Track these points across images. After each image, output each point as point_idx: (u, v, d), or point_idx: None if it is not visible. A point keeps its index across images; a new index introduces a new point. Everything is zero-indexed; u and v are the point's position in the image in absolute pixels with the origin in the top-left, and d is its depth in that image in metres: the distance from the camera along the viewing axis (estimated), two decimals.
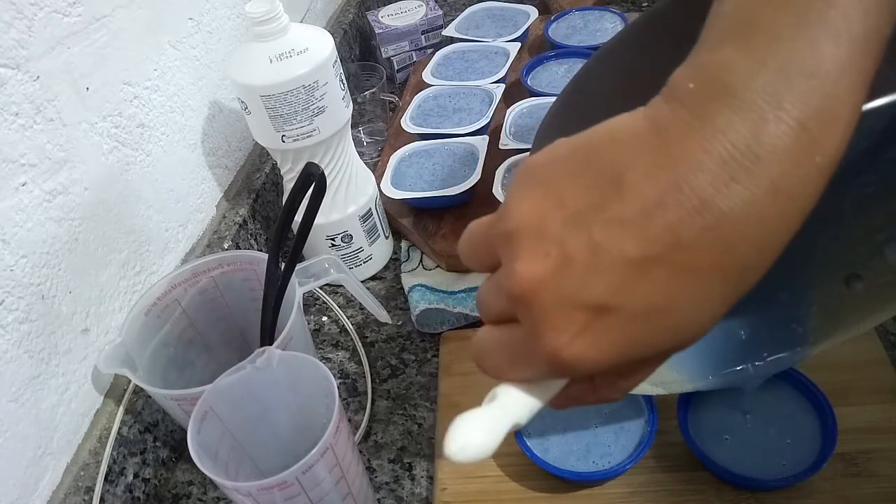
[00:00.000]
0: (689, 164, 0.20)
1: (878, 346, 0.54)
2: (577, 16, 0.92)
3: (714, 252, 0.21)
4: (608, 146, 0.22)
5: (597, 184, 0.22)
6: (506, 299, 0.24)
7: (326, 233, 0.66)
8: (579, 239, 0.22)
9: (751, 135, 0.20)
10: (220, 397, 0.44)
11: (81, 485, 0.49)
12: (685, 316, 0.22)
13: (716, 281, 0.21)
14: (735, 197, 0.20)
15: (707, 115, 0.21)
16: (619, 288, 0.21)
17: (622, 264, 0.21)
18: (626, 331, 0.22)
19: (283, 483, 0.39)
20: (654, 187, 0.21)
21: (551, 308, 0.22)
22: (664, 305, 0.21)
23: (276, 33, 0.55)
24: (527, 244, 0.23)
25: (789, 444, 0.48)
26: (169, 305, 0.54)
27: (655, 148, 0.21)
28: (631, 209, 0.21)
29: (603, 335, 0.22)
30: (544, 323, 0.22)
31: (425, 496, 0.53)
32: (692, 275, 0.21)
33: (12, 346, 0.45)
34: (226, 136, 0.71)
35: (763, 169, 0.20)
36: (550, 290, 0.22)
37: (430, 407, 0.59)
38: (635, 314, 0.22)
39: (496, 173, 0.69)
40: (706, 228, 0.20)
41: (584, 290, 0.22)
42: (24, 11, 0.45)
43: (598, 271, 0.21)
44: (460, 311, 0.63)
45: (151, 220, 0.59)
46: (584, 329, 0.22)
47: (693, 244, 0.21)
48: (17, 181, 0.45)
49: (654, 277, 0.21)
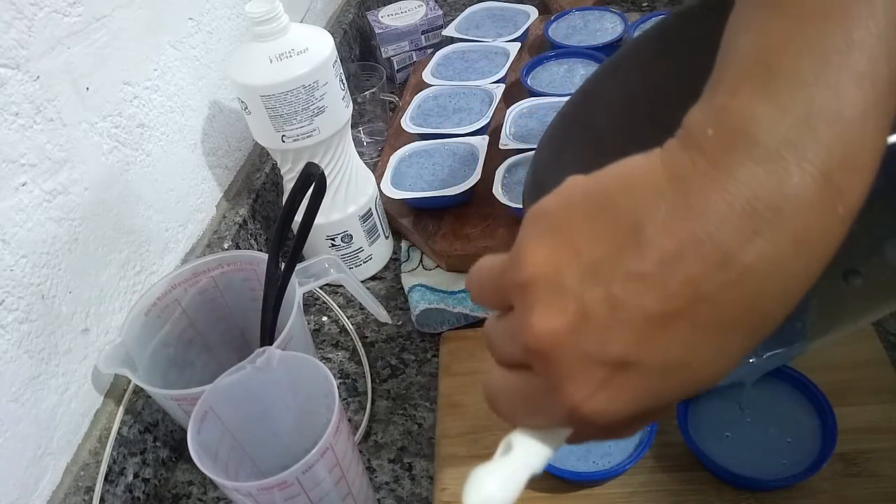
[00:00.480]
0: (711, 217, 0.20)
1: (878, 346, 0.54)
2: (577, 16, 0.92)
3: (736, 306, 0.20)
4: (624, 193, 0.21)
5: (614, 234, 0.21)
6: (520, 349, 0.23)
7: (326, 233, 0.66)
8: (597, 293, 0.21)
9: (774, 187, 0.19)
10: (220, 397, 0.44)
11: (81, 485, 0.49)
12: (705, 367, 0.21)
13: (737, 333, 0.21)
14: (758, 251, 0.20)
15: (728, 165, 0.20)
16: (639, 343, 0.21)
17: (642, 319, 0.21)
18: (646, 384, 0.22)
19: (283, 483, 0.39)
20: (674, 240, 0.20)
21: (570, 363, 0.22)
22: (684, 359, 0.21)
23: (276, 33, 0.55)
24: (542, 296, 0.22)
25: (789, 443, 0.48)
26: (169, 305, 0.54)
27: (674, 198, 0.20)
28: (650, 263, 0.20)
29: (623, 389, 0.22)
30: (563, 378, 0.22)
31: (425, 496, 0.53)
32: (713, 329, 0.21)
33: (12, 346, 0.45)
34: (226, 136, 0.71)
35: (786, 222, 0.19)
36: (569, 346, 0.22)
37: (430, 407, 0.59)
38: (655, 368, 0.21)
39: (496, 173, 0.69)
40: (728, 283, 0.20)
41: (604, 346, 0.21)
42: (24, 11, 0.45)
43: (617, 327, 0.21)
44: (460, 311, 0.63)
45: (151, 220, 0.59)
46: (604, 384, 0.21)
47: (715, 299, 0.20)
48: (17, 181, 0.45)
49: (674, 332, 0.21)
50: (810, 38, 0.20)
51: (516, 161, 0.70)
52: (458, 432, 0.55)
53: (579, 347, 0.21)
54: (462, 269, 0.68)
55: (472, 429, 0.55)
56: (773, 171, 0.19)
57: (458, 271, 0.68)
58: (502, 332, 0.25)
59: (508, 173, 0.69)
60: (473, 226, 0.69)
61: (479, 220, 0.70)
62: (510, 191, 0.67)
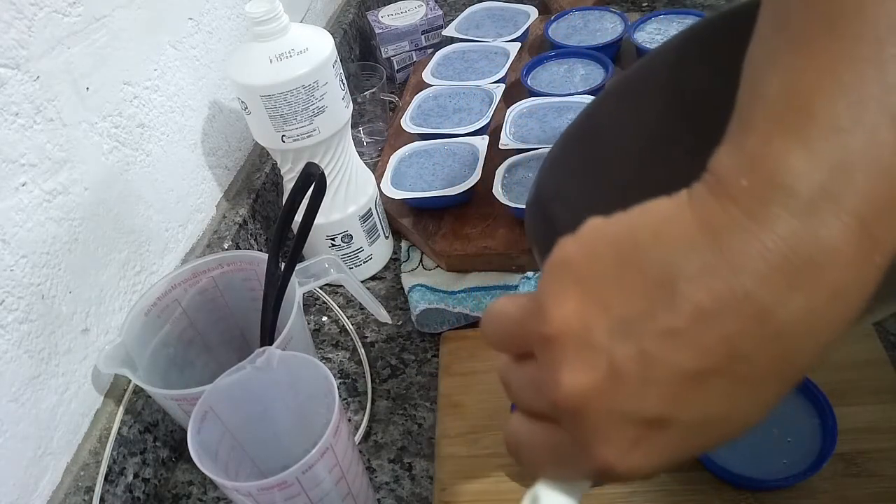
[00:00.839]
0: (748, 272, 0.19)
1: (878, 346, 0.54)
2: (577, 16, 0.92)
3: (773, 361, 0.20)
4: (654, 245, 0.21)
5: (644, 288, 0.20)
6: (548, 405, 0.22)
7: (326, 233, 0.66)
8: (629, 350, 0.20)
9: (811, 240, 0.19)
10: (220, 397, 0.44)
11: (81, 485, 0.49)
12: (740, 419, 0.21)
13: (773, 385, 0.20)
14: (795, 306, 0.19)
15: (764, 217, 0.19)
16: (673, 401, 0.20)
17: (677, 377, 0.20)
18: (680, 440, 0.21)
19: (283, 483, 0.39)
20: (709, 295, 0.19)
21: (602, 422, 0.21)
22: (720, 413, 0.21)
23: (276, 33, 0.55)
24: (571, 353, 0.21)
25: (789, 443, 0.48)
26: (169, 305, 0.54)
27: (708, 251, 0.20)
28: (684, 319, 0.20)
29: (657, 446, 0.21)
30: (595, 437, 0.21)
31: (425, 496, 0.53)
32: (749, 383, 0.20)
33: (12, 346, 0.45)
34: (226, 136, 0.71)
35: (824, 276, 0.19)
36: (601, 405, 0.21)
37: (430, 407, 0.59)
38: (691, 424, 0.21)
39: (496, 173, 0.69)
40: (765, 339, 0.19)
41: (638, 405, 0.20)
42: (24, 11, 0.45)
43: (651, 385, 0.20)
44: (460, 311, 0.63)
45: (151, 220, 0.59)
46: (638, 442, 0.21)
47: (751, 355, 0.20)
48: (17, 181, 0.45)
49: (710, 389, 0.20)
50: (844, 82, 0.19)
51: (516, 161, 0.70)
52: (458, 432, 0.55)
53: (612, 406, 0.21)
54: (462, 269, 0.68)
55: (472, 429, 0.55)
56: (810, 224, 0.19)
57: (458, 271, 0.68)
58: (525, 383, 0.24)
59: (508, 173, 0.69)
60: (473, 226, 0.69)
61: (479, 220, 0.70)
62: (510, 191, 0.67)
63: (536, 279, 0.63)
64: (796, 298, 0.19)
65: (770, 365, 0.20)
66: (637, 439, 0.21)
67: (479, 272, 0.67)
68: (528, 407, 0.24)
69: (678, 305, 0.20)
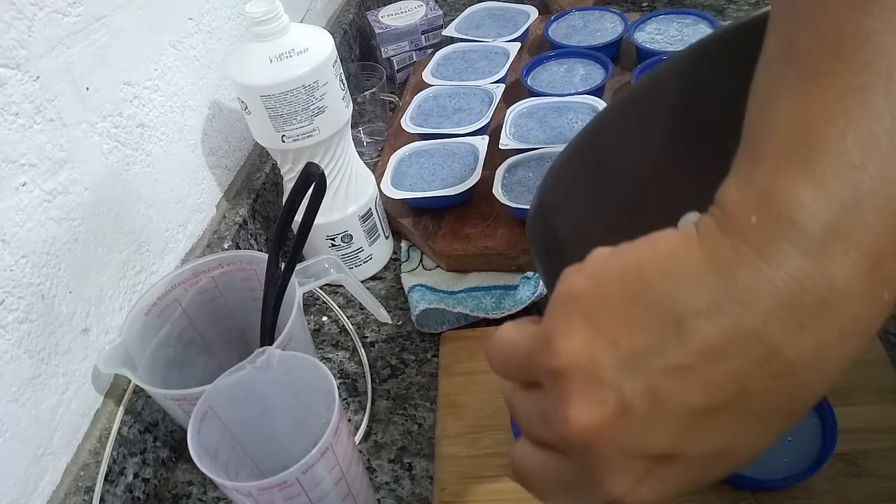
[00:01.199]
0: (756, 310, 0.19)
1: (878, 346, 0.54)
2: (577, 16, 0.92)
3: (781, 397, 0.20)
4: (662, 280, 0.21)
5: (652, 324, 0.20)
6: (556, 437, 0.22)
7: (326, 233, 0.66)
8: (637, 385, 0.20)
9: (821, 279, 0.19)
10: (220, 397, 0.44)
11: (81, 485, 0.49)
12: (748, 451, 0.21)
13: (781, 419, 0.21)
14: (804, 345, 0.19)
15: (773, 255, 0.19)
16: (682, 436, 0.20)
17: (685, 413, 0.20)
18: (689, 474, 0.21)
19: (283, 483, 0.39)
20: (718, 333, 0.19)
21: (611, 457, 0.21)
22: (728, 447, 0.21)
23: (276, 33, 0.55)
24: (579, 387, 0.21)
25: (789, 443, 0.48)
26: (169, 305, 0.54)
27: (717, 287, 0.20)
28: (693, 356, 0.20)
29: (666, 480, 0.21)
30: (604, 471, 0.21)
31: (425, 496, 0.53)
32: (757, 418, 0.20)
33: (12, 346, 0.45)
34: (226, 136, 0.71)
35: (833, 314, 0.19)
36: (609, 439, 0.21)
37: (430, 407, 0.59)
38: (699, 459, 0.21)
39: (496, 173, 0.69)
40: (774, 377, 0.19)
41: (646, 440, 0.21)
42: (24, 11, 0.45)
43: (659, 420, 0.20)
44: (460, 311, 0.63)
45: (151, 220, 0.59)
46: (647, 476, 0.21)
47: (759, 392, 0.20)
48: (17, 181, 0.45)
49: (718, 424, 0.20)
50: (853, 115, 0.19)
51: (516, 161, 0.70)
52: (458, 432, 0.55)
53: (620, 441, 0.21)
54: (462, 269, 0.68)
55: (472, 429, 0.55)
56: (820, 262, 0.19)
57: (458, 271, 0.68)
58: (533, 413, 0.24)
59: (508, 173, 0.69)
60: (473, 226, 0.69)
61: (479, 220, 0.70)
62: (510, 191, 0.67)
63: (536, 279, 0.63)
64: (805, 336, 0.19)
65: (778, 400, 0.20)
66: (645, 473, 0.21)
67: (479, 272, 0.67)
68: (535, 437, 0.24)
69: (686, 341, 0.20)
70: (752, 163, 0.21)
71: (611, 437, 0.21)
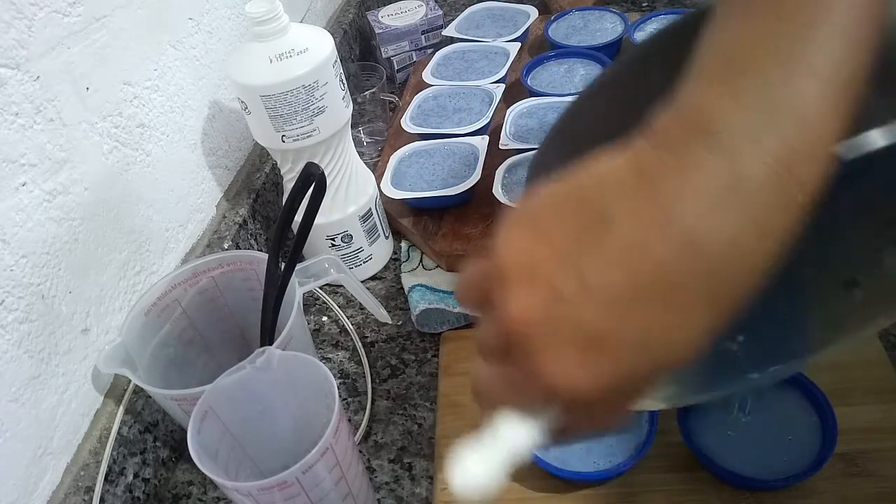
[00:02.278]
0: (674, 204, 0.22)
1: (878, 346, 0.54)
2: (577, 16, 0.92)
3: (699, 285, 0.22)
4: (595, 190, 0.23)
5: (585, 226, 0.23)
6: (502, 337, 0.25)
7: (326, 233, 0.66)
8: (569, 275, 0.23)
9: (735, 178, 0.21)
10: (220, 397, 0.44)
11: (81, 485, 0.49)
12: (674, 342, 0.23)
13: (702, 310, 0.22)
14: (718, 234, 0.21)
15: (692, 160, 0.22)
16: (608, 319, 0.22)
17: (611, 298, 0.22)
18: (618, 359, 0.23)
19: (283, 483, 0.39)
20: (641, 227, 0.22)
21: (545, 339, 0.23)
22: (653, 335, 0.23)
23: (276, 33, 0.55)
24: (518, 281, 0.24)
25: (789, 443, 0.48)
26: (169, 305, 0.54)
27: (640, 191, 0.22)
28: (618, 248, 0.22)
29: (596, 365, 0.23)
30: (540, 354, 0.23)
31: (425, 496, 0.53)
32: (679, 306, 0.22)
33: (12, 346, 0.45)
34: (226, 136, 0.71)
35: (746, 208, 0.21)
36: (544, 323, 0.23)
37: (430, 407, 0.59)
38: (626, 344, 0.23)
39: (496, 173, 0.69)
40: (691, 265, 0.22)
41: (577, 323, 0.23)
42: (24, 11, 0.45)
43: (589, 305, 0.23)
44: (460, 311, 0.63)
45: (151, 220, 0.59)
46: (578, 360, 0.23)
47: (678, 278, 0.22)
48: (17, 181, 0.45)
49: (643, 310, 0.22)
50: (779, 41, 0.22)
51: (516, 161, 0.70)
52: (458, 432, 0.55)
53: (553, 324, 0.23)
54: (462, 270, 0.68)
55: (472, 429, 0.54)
56: (735, 164, 0.21)
57: (458, 271, 0.68)
58: (487, 328, 0.26)
59: (508, 173, 0.69)
60: (473, 226, 0.69)
61: (479, 220, 0.70)
62: (510, 191, 0.67)
63: None
64: (720, 227, 0.21)
65: (698, 290, 0.22)
66: (577, 357, 0.23)
67: None
68: (487, 350, 0.27)
69: (613, 237, 0.22)
70: (686, 85, 0.23)
71: (545, 320, 0.23)
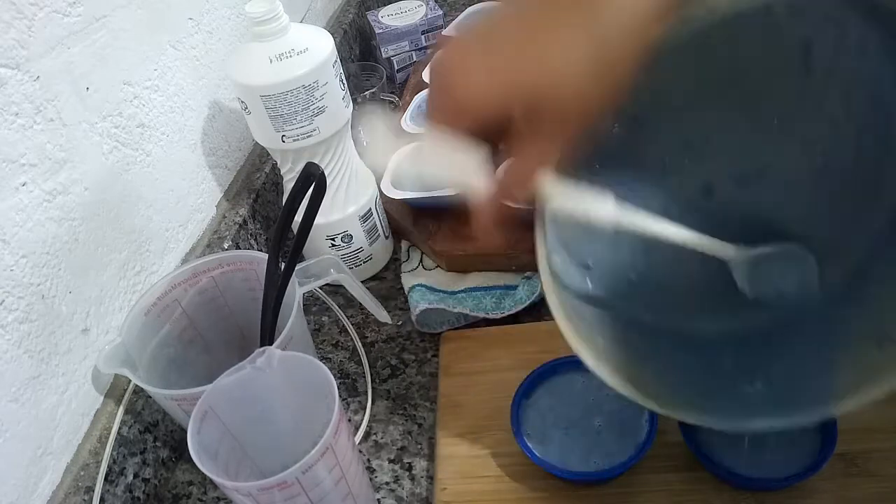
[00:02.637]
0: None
1: None
2: None
3: (576, 13, 0.31)
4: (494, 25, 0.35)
5: (493, 25, 0.35)
6: (442, 93, 0.36)
7: (326, 233, 0.66)
8: (477, 45, 0.34)
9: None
10: (220, 397, 0.44)
11: (81, 485, 0.49)
12: (554, 59, 0.32)
13: (580, 36, 0.31)
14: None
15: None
16: (497, 26, 0.34)
17: (501, 17, 0.34)
18: (508, 68, 0.33)
19: (283, 483, 0.39)
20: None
21: (455, 60, 0.35)
22: (541, 50, 0.32)
23: (276, 33, 0.55)
24: (451, 44, 0.35)
25: (789, 443, 0.48)
26: (169, 305, 0.54)
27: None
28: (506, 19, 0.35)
29: (490, 73, 0.33)
30: (451, 72, 0.35)
31: (425, 496, 0.53)
32: (561, 28, 0.31)
33: (12, 346, 0.45)
34: (226, 136, 0.71)
35: None
36: (455, 56, 0.35)
37: (430, 407, 0.59)
38: (513, 54, 0.33)
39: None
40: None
41: (477, 50, 0.34)
42: (24, 11, 0.45)
43: (484, 40, 0.34)
44: (460, 311, 0.63)
45: (151, 220, 0.59)
46: (477, 73, 0.34)
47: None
48: (17, 181, 0.45)
49: (526, 23, 0.32)
50: None
51: None
52: (458, 432, 0.55)
53: (461, 54, 0.35)
54: (462, 269, 0.68)
55: (472, 429, 0.55)
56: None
57: (458, 271, 0.68)
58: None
59: None
60: None
61: None
62: None
63: (536, 279, 0.63)
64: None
65: (569, 8, 0.31)
66: (475, 72, 0.34)
67: (479, 272, 0.67)
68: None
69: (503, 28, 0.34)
70: None
71: (457, 55, 0.35)
